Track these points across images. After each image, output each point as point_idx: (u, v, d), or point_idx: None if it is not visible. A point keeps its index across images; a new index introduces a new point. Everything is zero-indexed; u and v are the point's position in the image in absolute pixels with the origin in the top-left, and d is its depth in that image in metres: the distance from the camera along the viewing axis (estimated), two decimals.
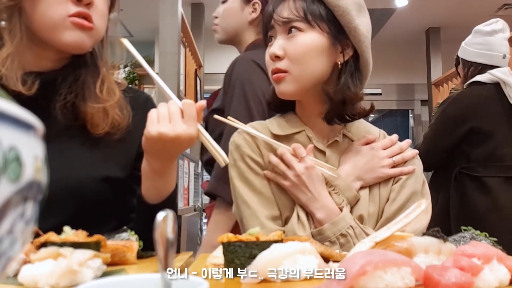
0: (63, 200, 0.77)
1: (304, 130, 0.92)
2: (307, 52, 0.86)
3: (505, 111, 1.81)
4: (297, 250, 0.49)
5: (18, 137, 0.21)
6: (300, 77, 0.86)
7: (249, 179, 0.88)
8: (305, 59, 0.86)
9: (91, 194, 0.81)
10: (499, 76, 1.81)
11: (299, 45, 0.86)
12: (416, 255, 0.49)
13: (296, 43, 0.86)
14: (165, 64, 2.26)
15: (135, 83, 4.78)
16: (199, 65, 3.37)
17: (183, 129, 0.71)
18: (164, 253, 0.30)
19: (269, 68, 0.89)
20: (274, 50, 0.86)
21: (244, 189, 0.88)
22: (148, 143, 0.73)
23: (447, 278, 0.39)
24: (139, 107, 0.90)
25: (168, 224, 0.30)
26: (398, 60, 5.48)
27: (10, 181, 0.21)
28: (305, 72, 0.86)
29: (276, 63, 0.86)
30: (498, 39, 1.88)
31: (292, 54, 0.86)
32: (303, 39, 0.86)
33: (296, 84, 0.87)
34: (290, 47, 0.86)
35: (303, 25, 0.86)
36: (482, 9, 4.56)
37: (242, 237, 0.53)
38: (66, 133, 0.82)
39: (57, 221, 0.68)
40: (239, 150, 0.90)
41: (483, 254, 0.43)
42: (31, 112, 0.23)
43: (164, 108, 0.73)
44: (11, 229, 0.22)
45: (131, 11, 4.34)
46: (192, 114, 0.72)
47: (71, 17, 0.77)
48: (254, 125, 0.95)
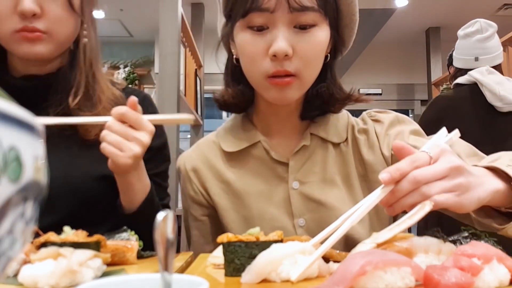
0: (60, 198, 0.77)
1: (260, 141, 0.81)
2: (319, 50, 0.73)
3: (481, 111, 1.83)
4: (297, 250, 0.49)
5: (18, 137, 0.21)
6: (308, 82, 0.75)
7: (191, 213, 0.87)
8: (316, 59, 0.74)
9: (89, 193, 0.82)
10: (475, 76, 1.83)
11: (313, 42, 0.71)
12: (416, 255, 0.49)
13: (309, 39, 0.71)
14: (165, 64, 2.25)
15: (135, 83, 4.78)
16: (199, 65, 3.37)
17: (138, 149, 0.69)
18: (164, 253, 0.30)
19: (264, 70, 0.71)
20: (284, 47, 0.68)
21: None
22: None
23: (447, 278, 0.39)
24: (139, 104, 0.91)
25: (168, 224, 0.30)
26: (398, 60, 5.48)
27: (10, 181, 0.21)
28: (314, 75, 0.75)
29: (283, 63, 0.70)
30: (471, 42, 1.91)
31: (304, 52, 0.70)
32: (319, 35, 0.72)
33: (302, 90, 0.75)
34: (301, 42, 0.70)
35: (318, 17, 0.71)
36: (482, 9, 4.56)
37: (242, 237, 0.53)
38: (62, 132, 0.82)
39: (54, 219, 0.69)
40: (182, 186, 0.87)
41: (483, 254, 0.43)
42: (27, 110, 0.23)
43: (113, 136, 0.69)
44: (11, 229, 0.22)
45: (131, 11, 4.35)
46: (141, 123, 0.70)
47: (17, 32, 0.77)
48: (202, 146, 0.86)
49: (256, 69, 0.73)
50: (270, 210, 0.80)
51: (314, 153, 0.81)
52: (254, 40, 0.71)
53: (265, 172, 0.82)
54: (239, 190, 0.82)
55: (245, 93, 0.80)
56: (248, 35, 0.72)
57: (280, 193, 0.81)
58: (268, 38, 0.70)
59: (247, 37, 0.72)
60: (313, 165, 0.81)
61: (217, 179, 0.83)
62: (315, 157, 0.81)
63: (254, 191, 0.81)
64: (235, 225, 0.81)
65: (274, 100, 0.76)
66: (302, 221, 0.79)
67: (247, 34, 0.72)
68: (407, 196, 0.53)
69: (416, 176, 0.52)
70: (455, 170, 0.53)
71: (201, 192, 0.84)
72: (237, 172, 0.83)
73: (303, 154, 0.81)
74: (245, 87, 0.80)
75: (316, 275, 0.50)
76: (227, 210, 0.82)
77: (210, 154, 0.84)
